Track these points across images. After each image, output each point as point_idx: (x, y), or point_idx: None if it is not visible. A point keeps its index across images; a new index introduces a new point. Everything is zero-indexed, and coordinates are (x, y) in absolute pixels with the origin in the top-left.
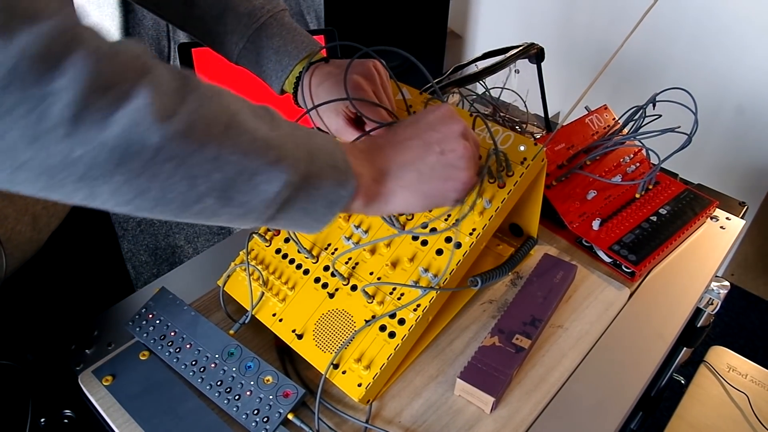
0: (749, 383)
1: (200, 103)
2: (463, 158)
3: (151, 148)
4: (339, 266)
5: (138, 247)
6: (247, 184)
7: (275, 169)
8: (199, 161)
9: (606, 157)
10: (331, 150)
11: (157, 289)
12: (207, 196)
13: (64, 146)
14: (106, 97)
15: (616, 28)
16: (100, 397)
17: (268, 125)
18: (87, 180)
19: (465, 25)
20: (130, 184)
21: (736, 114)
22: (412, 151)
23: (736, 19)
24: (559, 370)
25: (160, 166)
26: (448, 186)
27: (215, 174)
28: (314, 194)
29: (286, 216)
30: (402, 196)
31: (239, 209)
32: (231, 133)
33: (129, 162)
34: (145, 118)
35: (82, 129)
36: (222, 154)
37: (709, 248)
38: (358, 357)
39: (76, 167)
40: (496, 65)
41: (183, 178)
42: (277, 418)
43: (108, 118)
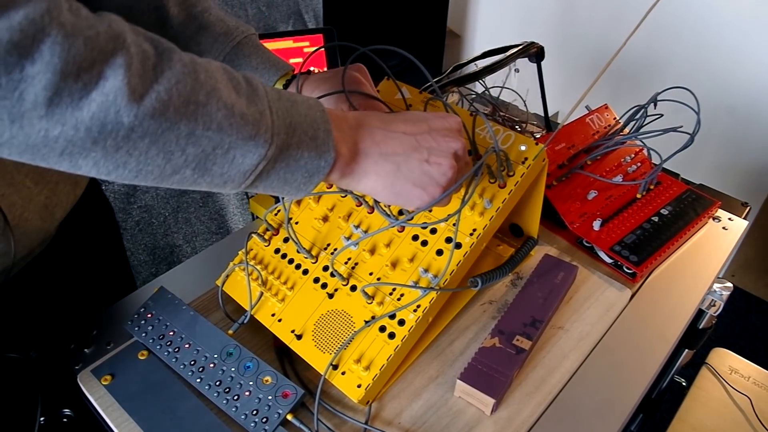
0: (751, 386)
1: (176, 80)
2: (444, 176)
3: (125, 127)
4: (338, 266)
5: (136, 246)
6: (224, 157)
7: (251, 144)
8: (173, 137)
9: (607, 157)
10: (313, 119)
11: (156, 288)
12: (184, 168)
13: (42, 126)
14: (80, 79)
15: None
16: (99, 396)
17: (245, 99)
18: (67, 155)
19: (463, 24)
20: (107, 159)
21: (737, 113)
22: (401, 145)
23: (738, 17)
24: (560, 372)
25: (135, 143)
26: (416, 193)
27: (190, 148)
28: (293, 165)
29: (265, 183)
30: (371, 181)
31: (218, 179)
32: (206, 110)
33: (104, 140)
34: (118, 99)
35: (57, 111)
36: (196, 130)
37: (711, 249)
38: (358, 358)
39: (55, 145)
40: (495, 64)
41: (159, 152)
42: (276, 418)
43: (82, 99)
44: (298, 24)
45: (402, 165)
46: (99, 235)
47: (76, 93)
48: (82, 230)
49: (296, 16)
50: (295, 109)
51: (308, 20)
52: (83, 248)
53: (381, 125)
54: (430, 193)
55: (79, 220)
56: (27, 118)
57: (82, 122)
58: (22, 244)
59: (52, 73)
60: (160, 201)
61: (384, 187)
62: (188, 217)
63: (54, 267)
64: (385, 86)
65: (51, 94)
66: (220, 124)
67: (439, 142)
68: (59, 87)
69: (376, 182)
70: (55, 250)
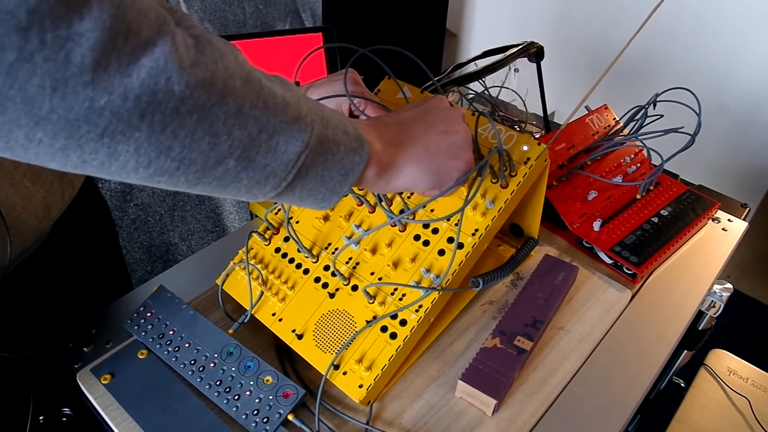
0: (750, 387)
1: (219, 55)
2: (466, 139)
3: (175, 97)
4: (340, 266)
5: (132, 245)
6: (267, 143)
7: (294, 128)
8: (221, 114)
9: (607, 158)
10: (340, 118)
11: (156, 287)
12: (228, 157)
13: (87, 95)
14: (129, 42)
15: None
16: (98, 395)
17: (279, 85)
18: (108, 136)
19: (461, 24)
20: (151, 141)
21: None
22: (416, 129)
23: (737, 17)
24: (561, 373)
25: (183, 119)
26: (453, 164)
27: (236, 131)
28: (330, 159)
29: (303, 184)
30: (411, 170)
31: (260, 172)
32: (251, 87)
33: (153, 113)
34: (169, 65)
35: (105, 76)
36: (243, 107)
37: (711, 250)
38: (359, 358)
39: (99, 119)
40: (495, 64)
41: (205, 133)
42: (277, 418)
43: (132, 63)
44: (295, 22)
45: (429, 144)
46: (94, 234)
47: (124, 57)
48: (77, 229)
49: (293, 14)
50: (321, 106)
51: (305, 18)
52: (79, 246)
53: (391, 120)
54: (463, 158)
55: (75, 219)
56: (71, 84)
57: (131, 90)
58: (17, 244)
59: (100, 31)
60: (156, 199)
61: (423, 171)
62: (184, 215)
63: (49, 265)
64: (386, 86)
65: (98, 56)
66: (265, 102)
67: (442, 115)
68: (107, 48)
69: (414, 170)
70: (50, 249)
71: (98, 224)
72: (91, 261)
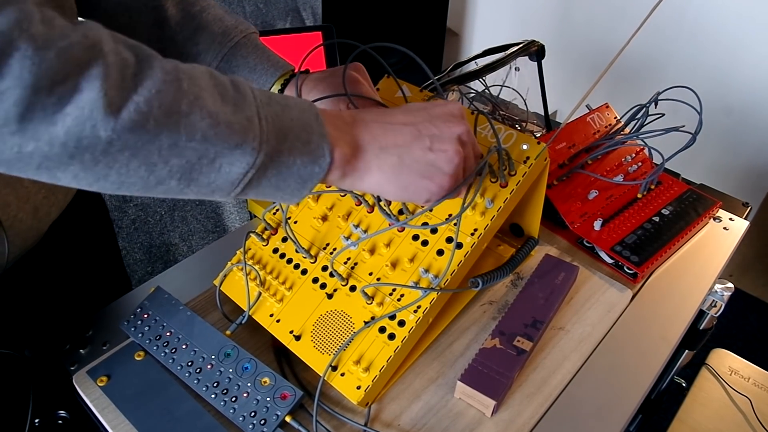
0: (752, 387)
1: (156, 89)
2: (450, 162)
3: (102, 141)
4: (338, 266)
5: (132, 245)
6: (210, 167)
7: (237, 152)
8: (155, 150)
9: (607, 157)
10: (305, 123)
11: (153, 288)
12: (169, 179)
13: (14, 143)
14: (53, 93)
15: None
16: (94, 397)
17: (232, 106)
18: (44, 169)
19: (462, 23)
20: (87, 172)
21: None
22: (401, 136)
23: (738, 16)
24: (560, 373)
25: (115, 156)
26: (425, 185)
27: (174, 159)
28: (285, 172)
29: (257, 191)
30: (376, 177)
31: (205, 188)
32: (189, 119)
33: (82, 155)
34: (94, 112)
35: (30, 126)
36: (179, 141)
37: (712, 249)
38: (357, 359)
39: (30, 160)
40: (496, 63)
41: (141, 164)
42: (274, 420)
43: (56, 113)
44: (296, 21)
45: (405, 156)
46: (92, 234)
47: (49, 108)
48: (75, 229)
49: (294, 13)
50: (286, 113)
51: (306, 17)
52: (76, 247)
53: (378, 118)
54: (438, 182)
55: (73, 219)
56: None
57: (57, 138)
58: (15, 244)
59: (22, 89)
60: (156, 200)
61: (389, 181)
62: (184, 216)
63: (46, 266)
64: (386, 84)
65: (22, 110)
66: (204, 134)
67: (440, 128)
68: (31, 102)
69: (380, 178)
70: (47, 249)
71: (96, 224)
72: (89, 261)
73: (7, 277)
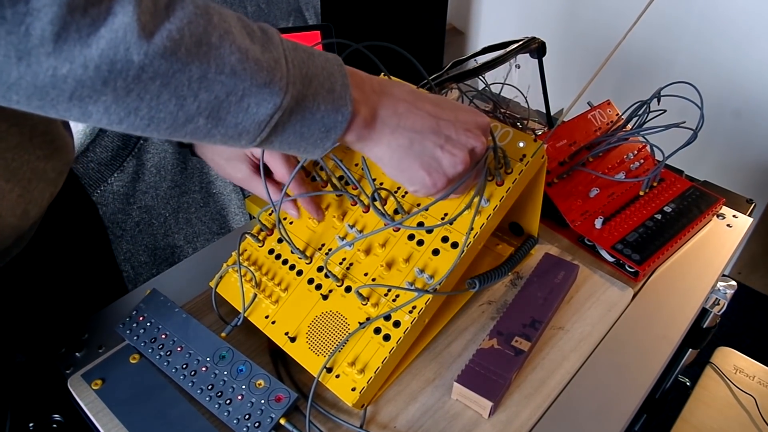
0: (756, 385)
1: (188, 20)
2: (454, 167)
3: (135, 66)
4: (333, 267)
5: (137, 248)
6: (237, 105)
7: (266, 92)
8: (185, 80)
9: (609, 154)
10: (330, 72)
11: (149, 290)
12: (198, 116)
13: (50, 64)
14: (87, 13)
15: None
16: (89, 401)
17: (260, 46)
18: (76, 99)
19: (467, 21)
20: (118, 103)
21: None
22: (420, 122)
23: (743, 12)
24: (559, 373)
25: (146, 84)
26: (420, 176)
27: (203, 94)
28: (309, 118)
29: (281, 138)
30: (381, 150)
31: (232, 130)
32: (219, 52)
33: (115, 80)
34: (128, 35)
35: (65, 47)
36: (209, 73)
37: (715, 247)
38: (352, 360)
39: (64, 85)
40: (495, 60)
41: (171, 96)
42: (268, 423)
43: (91, 35)
44: (298, 21)
45: (415, 143)
46: (84, 236)
47: (84, 28)
48: (64, 231)
49: (296, 13)
50: (311, 60)
51: (309, 17)
52: (68, 250)
53: (406, 97)
54: (434, 179)
55: (62, 221)
56: (34, 55)
57: (91, 60)
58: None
59: (58, 6)
60: (160, 201)
61: (391, 158)
62: (189, 218)
63: (37, 269)
64: None
65: (58, 29)
66: (233, 68)
67: (459, 134)
68: (66, 21)
69: (385, 153)
70: (37, 252)
71: (87, 226)
72: (82, 265)
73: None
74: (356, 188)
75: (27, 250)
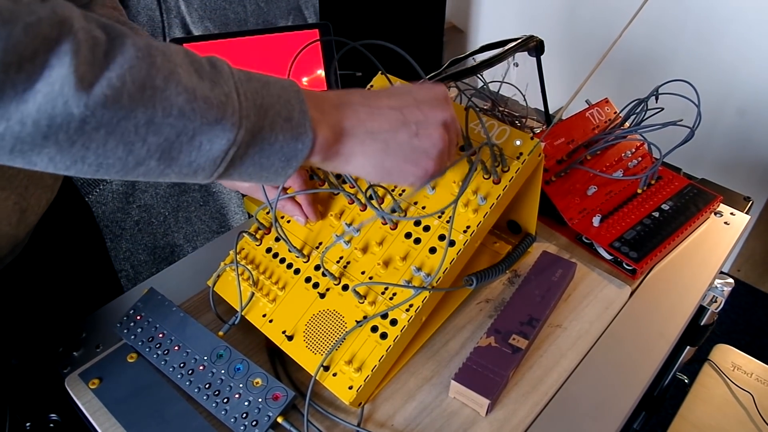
0: (754, 382)
1: (129, 65)
2: (435, 147)
3: (76, 119)
4: (330, 266)
5: (136, 247)
6: (189, 144)
7: (217, 128)
8: (131, 127)
9: (607, 152)
10: (287, 100)
11: (146, 289)
12: (148, 159)
13: None
14: (23, 70)
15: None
16: (86, 400)
17: (209, 81)
18: (18, 152)
19: (467, 19)
20: (63, 154)
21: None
22: (386, 121)
23: (742, 11)
24: (557, 371)
25: (90, 135)
26: (409, 169)
27: (152, 137)
28: (267, 149)
29: (240, 170)
30: (360, 161)
31: (186, 168)
32: (164, 95)
33: (56, 134)
34: (65, 88)
35: (0, 105)
36: (155, 117)
37: (712, 244)
38: (349, 359)
39: (2, 142)
40: (493, 58)
41: (118, 143)
42: (266, 421)
43: (26, 91)
44: (298, 19)
45: (391, 142)
46: (78, 239)
47: (19, 85)
48: (59, 233)
49: (296, 11)
50: (266, 90)
51: (308, 16)
52: (62, 251)
53: (364, 101)
54: (423, 167)
55: (56, 224)
56: None
57: (29, 116)
58: None
59: None
60: (160, 200)
61: (374, 166)
62: (189, 216)
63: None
64: (379, 81)
65: None
66: (181, 109)
67: (426, 113)
68: (0, 79)
69: (365, 162)
70: (32, 256)
71: (81, 228)
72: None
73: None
74: (353, 186)
75: (22, 253)
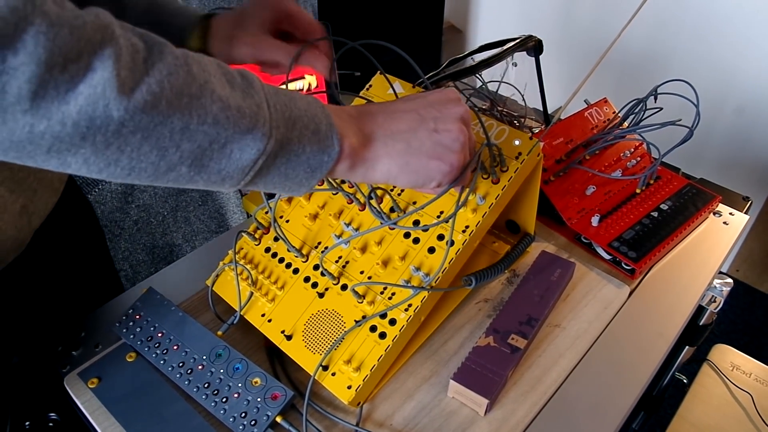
0: (753, 382)
1: (167, 72)
2: (457, 141)
3: (115, 122)
4: (329, 265)
5: (135, 246)
6: (220, 152)
7: (249, 137)
8: (166, 132)
9: (606, 152)
10: (314, 114)
11: (145, 289)
12: (180, 165)
13: (26, 122)
14: (67, 71)
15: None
16: (85, 400)
17: (241, 92)
18: (55, 152)
19: (465, 19)
20: (98, 156)
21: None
22: (405, 121)
23: (741, 10)
24: (556, 371)
25: (126, 138)
26: (435, 165)
27: (185, 144)
28: (294, 160)
29: (266, 179)
30: (386, 165)
31: (215, 176)
32: (200, 102)
33: (94, 136)
34: (107, 92)
35: (42, 105)
36: (191, 124)
37: (711, 244)
38: (348, 358)
39: (41, 141)
40: (492, 58)
41: (152, 148)
42: (265, 421)
43: (69, 92)
44: None
45: (412, 141)
46: (80, 237)
47: (62, 85)
48: (61, 233)
49: None
50: (293, 103)
51: None
52: (64, 252)
53: (380, 108)
54: (448, 161)
55: (58, 224)
56: (10, 112)
57: (69, 117)
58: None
59: (36, 65)
60: (159, 200)
61: (400, 168)
62: (187, 216)
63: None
64: (378, 81)
65: (35, 87)
66: (215, 117)
67: (441, 111)
68: (44, 79)
69: (391, 165)
70: (33, 256)
71: (83, 227)
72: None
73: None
74: (352, 186)
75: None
